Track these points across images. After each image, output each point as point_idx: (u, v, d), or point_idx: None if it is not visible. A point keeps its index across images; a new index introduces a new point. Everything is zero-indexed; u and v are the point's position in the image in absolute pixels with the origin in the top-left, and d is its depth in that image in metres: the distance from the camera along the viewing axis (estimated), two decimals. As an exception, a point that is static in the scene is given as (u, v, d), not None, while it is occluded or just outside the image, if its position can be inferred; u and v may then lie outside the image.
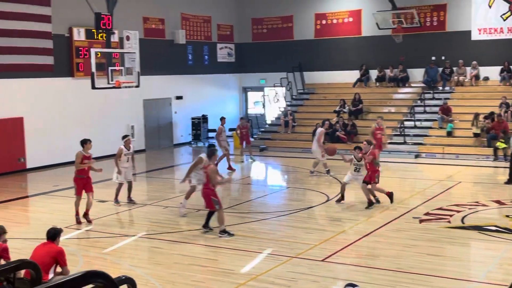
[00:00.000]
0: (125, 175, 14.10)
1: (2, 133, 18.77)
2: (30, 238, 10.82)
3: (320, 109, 25.35)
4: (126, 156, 14.22)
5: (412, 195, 15.00)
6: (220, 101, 28.29)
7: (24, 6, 18.48)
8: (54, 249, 7.71)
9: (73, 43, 20.95)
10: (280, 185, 18.18)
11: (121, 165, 14.06)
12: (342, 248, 10.42)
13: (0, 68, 18.30)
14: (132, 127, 23.56)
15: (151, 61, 23.51)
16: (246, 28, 29.04)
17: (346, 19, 26.71)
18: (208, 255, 10.34)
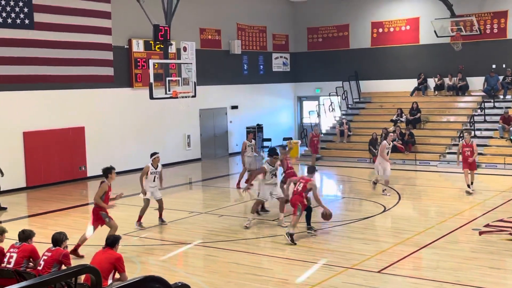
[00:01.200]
0: (153, 195, 13.19)
1: (64, 142, 19.36)
2: (90, 245, 11.08)
3: (376, 118, 25.05)
4: (153, 175, 13.18)
5: (472, 206, 14.62)
6: (275, 110, 28.37)
7: (86, 19, 19.06)
8: (113, 256, 7.88)
9: (132, 55, 21.46)
10: (336, 195, 18.04)
11: (147, 184, 13.14)
12: (399, 259, 10.24)
13: (63, 79, 18.90)
14: (188, 136, 23.89)
15: (207, 71, 23.82)
16: (301, 38, 29.05)
17: (404, 27, 26.36)
18: (263, 264, 10.34)
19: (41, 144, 18.70)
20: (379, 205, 14.72)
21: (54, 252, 7.99)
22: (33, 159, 18.46)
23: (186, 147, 23.85)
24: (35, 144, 18.55)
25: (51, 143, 18.98)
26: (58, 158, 19.23)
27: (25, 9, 17.57)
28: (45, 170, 18.90)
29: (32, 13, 17.82)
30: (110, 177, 11.49)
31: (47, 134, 18.90)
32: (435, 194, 16.74)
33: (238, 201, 16.31)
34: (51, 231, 9.19)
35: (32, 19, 17.79)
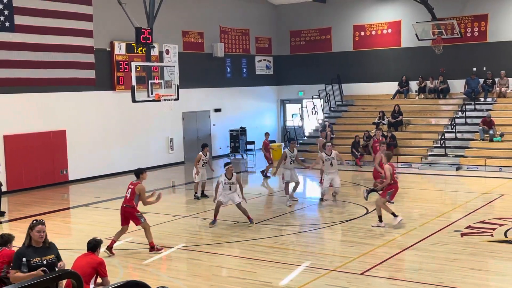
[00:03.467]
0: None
1: (46, 146, 19.19)
2: (71, 249, 10.99)
3: (359, 121, 25.19)
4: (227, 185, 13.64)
5: (454, 208, 14.74)
6: (258, 113, 28.39)
7: (68, 21, 18.92)
8: (95, 260, 7.81)
9: (114, 57, 21.34)
10: (319, 197, 18.06)
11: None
12: (381, 261, 10.28)
13: (44, 82, 18.74)
14: (171, 139, 23.82)
15: (190, 74, 23.77)
16: (284, 41, 29.11)
17: (385, 31, 26.54)
18: (246, 267, 10.32)
19: (22, 147, 18.52)
20: (361, 208, 14.77)
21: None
22: (13, 163, 18.27)
23: (169, 150, 23.77)
24: (15, 147, 18.37)
25: (32, 146, 18.81)
26: (39, 162, 19.05)
27: (5, 11, 17.40)
28: (26, 174, 18.72)
29: (12, 15, 17.64)
30: (142, 177, 11.66)
31: (28, 137, 18.72)
32: (417, 196, 16.84)
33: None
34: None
35: (12, 22, 17.62)
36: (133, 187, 11.41)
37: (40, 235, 6.82)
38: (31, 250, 6.86)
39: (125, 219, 11.50)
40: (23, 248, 6.90)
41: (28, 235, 6.90)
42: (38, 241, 6.86)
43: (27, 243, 6.90)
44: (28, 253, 6.82)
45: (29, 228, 6.90)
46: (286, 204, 15.40)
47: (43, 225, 6.93)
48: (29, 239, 6.88)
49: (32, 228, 6.87)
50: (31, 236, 6.86)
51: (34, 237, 6.83)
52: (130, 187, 11.47)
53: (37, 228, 6.83)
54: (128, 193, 11.44)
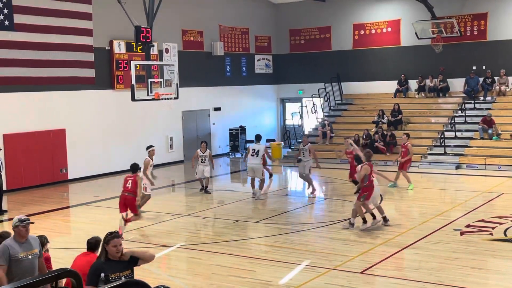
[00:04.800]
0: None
1: (45, 145, 19.18)
2: (71, 248, 11.00)
3: (358, 120, 25.18)
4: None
5: (453, 206, 14.74)
6: (258, 112, 28.38)
7: (67, 20, 18.92)
8: (95, 259, 7.80)
9: (114, 56, 21.33)
10: (318, 196, 18.07)
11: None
12: (381, 260, 10.29)
13: (44, 81, 18.74)
14: (171, 138, 23.81)
15: (189, 73, 23.76)
16: (283, 40, 29.10)
17: (385, 29, 26.53)
18: (245, 266, 10.33)
19: (21, 146, 18.51)
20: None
21: (35, 256, 7.90)
22: (13, 162, 18.26)
23: (169, 149, 23.76)
24: (15, 146, 18.36)
25: (32, 145, 18.81)
26: (38, 161, 19.05)
27: (5, 10, 17.40)
28: (25, 172, 18.72)
29: (12, 14, 17.64)
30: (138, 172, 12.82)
31: (28, 136, 18.72)
32: (416, 195, 16.84)
33: (222, 203, 16.28)
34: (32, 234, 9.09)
35: (12, 21, 17.62)
36: (134, 178, 12.45)
37: (117, 250, 6.37)
38: (109, 265, 6.39)
39: (123, 206, 12.50)
40: (100, 263, 6.43)
41: (103, 250, 6.45)
42: (115, 256, 6.41)
43: (104, 258, 6.43)
44: (106, 268, 6.36)
45: (103, 242, 6.48)
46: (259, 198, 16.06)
47: (119, 238, 6.48)
48: (105, 253, 6.42)
49: (108, 242, 6.41)
50: (106, 250, 6.40)
51: (110, 252, 6.39)
52: (130, 178, 12.51)
53: (113, 242, 6.38)
54: (129, 184, 12.42)
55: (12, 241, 6.93)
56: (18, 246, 6.88)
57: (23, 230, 6.92)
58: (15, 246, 6.87)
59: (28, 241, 6.98)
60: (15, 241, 6.92)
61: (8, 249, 6.80)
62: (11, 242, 6.91)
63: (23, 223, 6.93)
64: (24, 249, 6.92)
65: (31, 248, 6.99)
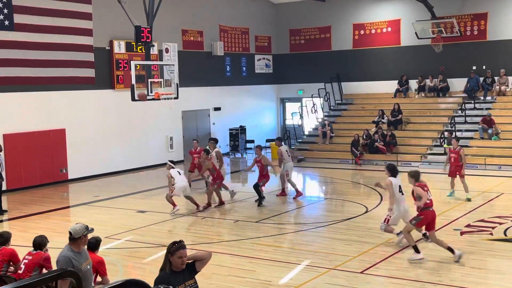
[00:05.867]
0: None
1: (45, 145, 19.18)
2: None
3: (358, 120, 25.19)
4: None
5: (453, 206, 14.73)
6: (258, 112, 28.38)
7: (67, 20, 18.91)
8: (95, 259, 7.81)
9: (114, 56, 21.33)
10: (318, 196, 18.09)
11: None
12: (381, 260, 10.29)
13: (44, 81, 18.74)
14: (171, 138, 23.82)
15: (189, 73, 23.76)
16: (283, 39, 29.11)
17: (385, 29, 26.53)
18: (245, 266, 10.33)
19: (21, 146, 18.52)
20: (361, 206, 14.78)
21: (35, 256, 7.92)
22: (13, 162, 18.26)
23: (169, 149, 23.76)
24: (15, 146, 18.36)
25: (32, 145, 18.81)
26: (38, 161, 19.05)
27: (5, 10, 17.39)
28: (25, 172, 18.72)
29: (12, 14, 17.64)
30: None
31: (28, 136, 18.72)
32: (416, 194, 16.83)
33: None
34: (32, 234, 9.12)
35: (12, 21, 17.61)
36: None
37: (182, 261, 5.91)
38: (174, 277, 5.90)
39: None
40: (165, 276, 5.90)
41: (167, 260, 5.93)
42: (179, 267, 5.94)
43: (168, 269, 5.92)
44: (172, 280, 5.86)
45: (167, 253, 5.94)
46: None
47: (185, 249, 5.99)
48: (169, 264, 5.92)
49: (173, 253, 5.91)
50: (171, 261, 5.91)
51: (175, 263, 5.89)
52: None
53: (178, 253, 5.90)
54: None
55: (72, 252, 6.56)
56: (78, 257, 6.55)
57: (84, 240, 6.64)
58: (76, 256, 6.53)
59: (83, 250, 6.75)
60: (74, 252, 6.56)
61: (71, 261, 6.43)
62: (72, 253, 6.53)
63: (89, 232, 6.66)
64: (83, 259, 6.65)
65: (87, 258, 6.78)
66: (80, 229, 6.63)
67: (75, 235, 6.58)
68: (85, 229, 6.64)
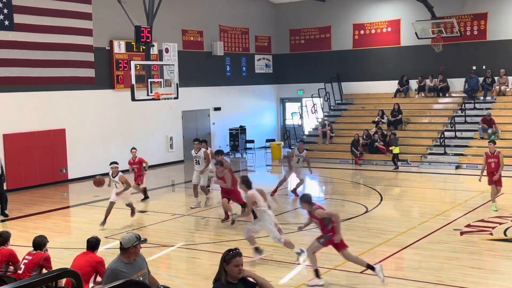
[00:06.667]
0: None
1: (45, 145, 19.18)
2: (71, 248, 10.99)
3: (359, 120, 25.18)
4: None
5: (453, 206, 14.74)
6: (258, 112, 28.39)
7: (67, 20, 18.91)
8: (94, 259, 7.81)
9: (114, 56, 21.33)
10: (318, 196, 18.07)
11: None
12: (381, 260, 10.27)
13: (44, 81, 18.73)
14: (171, 138, 23.81)
15: (189, 73, 23.76)
16: (283, 39, 29.11)
17: (385, 29, 26.53)
18: (245, 266, 10.28)
19: (21, 146, 18.51)
20: (361, 206, 14.78)
21: (35, 256, 7.91)
22: (13, 162, 18.25)
23: (169, 149, 23.76)
24: (15, 146, 18.36)
25: (32, 145, 18.80)
26: (38, 161, 19.04)
27: (5, 10, 17.39)
28: (25, 172, 18.71)
29: (12, 14, 17.64)
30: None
31: (28, 136, 18.71)
32: (416, 194, 16.85)
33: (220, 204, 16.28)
34: (32, 234, 9.11)
35: (12, 21, 17.61)
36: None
37: (239, 270, 5.39)
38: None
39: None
40: (221, 286, 5.41)
41: (222, 270, 5.39)
42: (236, 276, 5.41)
43: (224, 279, 5.38)
44: None
45: (223, 261, 5.39)
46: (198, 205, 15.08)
47: (241, 256, 5.46)
48: (225, 274, 5.38)
49: (228, 261, 5.39)
50: (226, 270, 5.38)
51: (231, 272, 5.37)
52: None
53: (235, 261, 5.38)
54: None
55: (120, 263, 6.15)
56: (129, 268, 6.12)
57: (135, 250, 6.21)
58: (125, 269, 6.09)
59: (136, 260, 6.27)
60: (124, 263, 6.15)
61: (118, 274, 5.98)
62: (119, 265, 6.13)
63: (142, 242, 6.25)
64: (135, 270, 6.17)
65: (140, 268, 6.29)
66: (130, 238, 6.24)
67: (125, 245, 6.20)
68: (135, 239, 6.23)
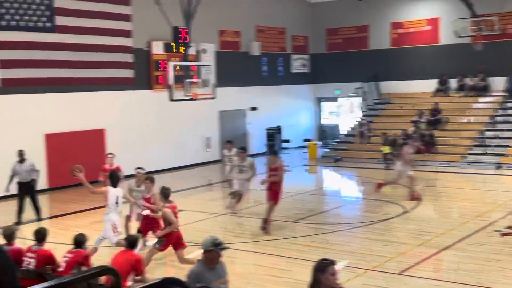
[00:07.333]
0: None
1: (85, 144, 19.51)
2: (110, 246, 11.17)
3: (396, 119, 24.90)
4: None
5: (494, 207, 14.47)
6: (294, 112, 28.34)
7: (107, 22, 19.23)
8: (133, 257, 7.92)
9: (152, 57, 21.57)
10: (355, 196, 17.97)
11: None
12: (420, 261, 10.17)
13: (84, 82, 19.09)
14: (208, 138, 23.96)
15: (226, 73, 23.87)
16: (320, 39, 29.00)
17: (424, 28, 26.19)
18: (282, 265, 10.33)
19: (62, 146, 18.88)
20: (399, 207, 14.63)
21: (76, 254, 8.06)
22: (54, 161, 18.63)
23: (206, 149, 23.92)
24: (56, 146, 18.73)
25: (72, 145, 19.15)
26: (79, 160, 19.30)
27: (46, 12, 17.78)
28: (66, 172, 19.01)
29: (53, 16, 18.02)
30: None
31: (68, 136, 19.08)
32: (456, 195, 16.60)
33: (257, 203, 16.31)
34: (72, 232, 9.29)
35: (53, 23, 17.99)
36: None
37: (335, 279, 5.01)
38: None
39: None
40: None
41: (317, 280, 5.00)
42: (333, 287, 5.00)
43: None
44: None
45: (317, 271, 5.00)
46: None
47: (336, 265, 5.11)
48: (319, 284, 4.99)
49: (324, 270, 4.99)
50: (321, 280, 4.98)
51: (328, 282, 4.95)
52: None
53: (331, 269, 4.99)
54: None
55: (202, 268, 5.90)
56: (209, 274, 5.85)
57: (217, 256, 5.92)
58: (206, 274, 5.84)
59: (219, 267, 6.05)
60: (205, 268, 5.89)
61: (199, 277, 5.78)
62: (201, 270, 5.87)
63: (219, 248, 5.91)
64: (215, 277, 5.91)
65: (220, 276, 6.03)
66: (206, 242, 5.93)
67: (202, 247, 5.94)
68: (211, 244, 5.88)
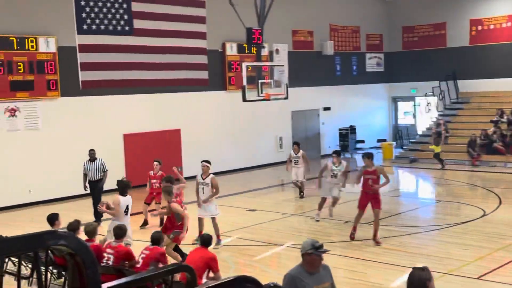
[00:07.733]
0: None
1: (162, 144, 19.98)
2: (184, 244, 11.36)
3: (476, 119, 24.09)
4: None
5: None
6: (369, 111, 27.95)
7: (182, 24, 19.55)
8: (207, 255, 8.04)
9: (226, 58, 21.83)
10: (432, 198, 17.52)
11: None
12: (500, 266, 9.80)
13: (160, 83, 19.51)
14: (281, 138, 24.00)
15: (299, 73, 23.82)
16: (396, 37, 28.47)
17: (505, 24, 25.22)
18: (356, 267, 10.21)
19: (140, 146, 19.41)
20: (478, 209, 14.15)
21: (153, 250, 8.25)
22: (132, 160, 19.19)
23: (278, 149, 23.97)
24: (134, 145, 19.28)
25: (149, 145, 19.65)
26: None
27: (125, 16, 18.31)
28: (143, 170, 19.56)
29: (131, 19, 18.52)
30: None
31: (146, 136, 19.60)
32: (539, 198, 15.89)
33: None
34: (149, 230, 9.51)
35: (131, 26, 18.49)
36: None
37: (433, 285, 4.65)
38: None
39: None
40: None
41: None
42: None
43: None
44: None
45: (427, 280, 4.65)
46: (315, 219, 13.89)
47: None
48: None
49: (430, 279, 4.66)
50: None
51: None
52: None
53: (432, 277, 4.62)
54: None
55: (301, 271, 5.56)
56: (309, 278, 5.52)
57: (318, 259, 5.57)
58: (305, 277, 5.51)
59: (319, 273, 5.64)
60: (305, 271, 5.55)
61: (295, 282, 5.48)
62: (299, 273, 5.55)
63: (319, 252, 5.57)
64: (316, 281, 5.55)
65: (321, 281, 5.64)
66: (304, 245, 5.63)
67: (301, 250, 5.63)
68: (310, 247, 5.54)
